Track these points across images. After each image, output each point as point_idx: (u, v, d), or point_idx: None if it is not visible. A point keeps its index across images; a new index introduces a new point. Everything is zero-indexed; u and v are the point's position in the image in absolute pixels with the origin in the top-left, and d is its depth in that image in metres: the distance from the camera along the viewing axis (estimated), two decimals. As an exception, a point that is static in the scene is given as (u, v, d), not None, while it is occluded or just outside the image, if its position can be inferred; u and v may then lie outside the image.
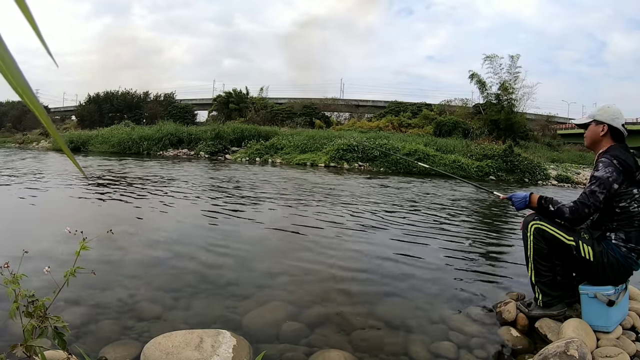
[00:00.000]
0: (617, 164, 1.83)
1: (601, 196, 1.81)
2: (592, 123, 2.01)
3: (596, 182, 1.83)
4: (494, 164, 14.22)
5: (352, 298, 2.30)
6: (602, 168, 1.84)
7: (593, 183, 1.84)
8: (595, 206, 1.82)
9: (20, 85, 0.30)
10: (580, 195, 1.86)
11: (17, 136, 27.80)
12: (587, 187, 1.87)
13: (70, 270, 1.24)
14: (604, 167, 1.84)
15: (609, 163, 1.84)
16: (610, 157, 1.86)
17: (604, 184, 1.81)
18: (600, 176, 1.83)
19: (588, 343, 1.68)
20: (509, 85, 19.26)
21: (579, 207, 1.83)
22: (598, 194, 1.81)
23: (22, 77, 0.30)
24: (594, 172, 1.88)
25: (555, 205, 1.91)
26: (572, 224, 1.93)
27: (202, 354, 1.52)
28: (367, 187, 8.41)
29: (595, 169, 1.89)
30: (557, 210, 1.90)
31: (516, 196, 2.07)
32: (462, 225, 4.85)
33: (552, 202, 1.94)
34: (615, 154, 1.87)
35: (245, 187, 7.42)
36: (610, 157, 1.86)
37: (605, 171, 1.83)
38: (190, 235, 3.58)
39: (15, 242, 2.99)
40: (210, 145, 18.06)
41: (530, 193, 2.04)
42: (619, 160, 1.83)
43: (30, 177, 7.60)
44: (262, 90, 35.01)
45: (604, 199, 1.82)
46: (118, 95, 33.66)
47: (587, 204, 1.82)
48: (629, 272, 1.90)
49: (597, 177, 1.84)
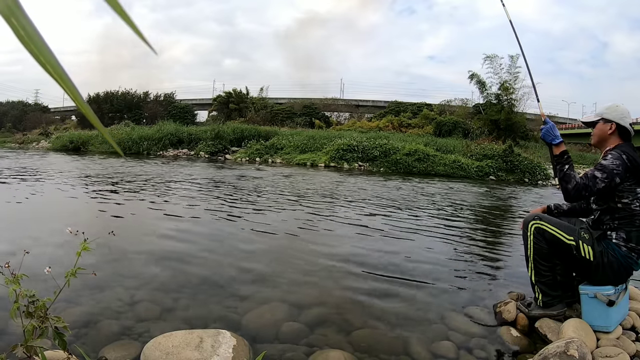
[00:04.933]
0: (625, 159, 1.81)
1: (601, 184, 1.79)
2: (600, 121, 1.99)
3: (600, 169, 1.80)
4: (494, 164, 14.21)
5: (352, 298, 2.30)
6: (611, 159, 1.82)
7: (598, 169, 1.81)
8: (592, 191, 1.79)
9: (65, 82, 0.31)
10: (582, 177, 1.81)
11: (17, 136, 27.78)
12: (591, 170, 1.83)
13: (71, 270, 1.25)
14: (613, 159, 1.82)
15: (618, 157, 1.82)
16: (621, 152, 1.85)
17: (607, 173, 1.79)
18: (607, 165, 1.81)
19: (588, 343, 1.68)
20: (509, 85, 19.25)
21: (581, 187, 1.78)
22: (599, 180, 1.79)
23: (66, 75, 0.31)
24: (602, 160, 1.85)
25: (571, 171, 1.84)
26: (567, 196, 1.86)
27: (202, 354, 1.52)
28: (366, 187, 8.41)
29: (604, 157, 1.86)
30: (568, 175, 1.83)
31: (551, 129, 1.97)
32: (462, 225, 4.85)
33: (571, 164, 1.87)
34: (625, 150, 1.86)
35: (245, 187, 7.42)
36: (620, 152, 1.84)
37: (613, 162, 1.81)
38: (190, 235, 3.58)
39: (16, 242, 2.99)
40: (210, 145, 18.06)
41: (562, 141, 1.95)
42: (628, 156, 1.82)
43: (31, 177, 7.60)
44: (262, 90, 34.99)
45: (603, 188, 1.80)
46: (118, 95, 33.63)
47: (587, 186, 1.78)
48: (629, 272, 1.90)
49: (603, 165, 1.81)
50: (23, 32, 0.29)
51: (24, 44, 0.29)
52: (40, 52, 0.30)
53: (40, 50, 0.30)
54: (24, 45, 0.29)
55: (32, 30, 0.30)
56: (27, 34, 0.29)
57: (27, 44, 0.29)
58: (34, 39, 0.30)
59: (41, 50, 0.30)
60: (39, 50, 0.30)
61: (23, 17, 0.29)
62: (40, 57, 0.30)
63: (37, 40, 0.30)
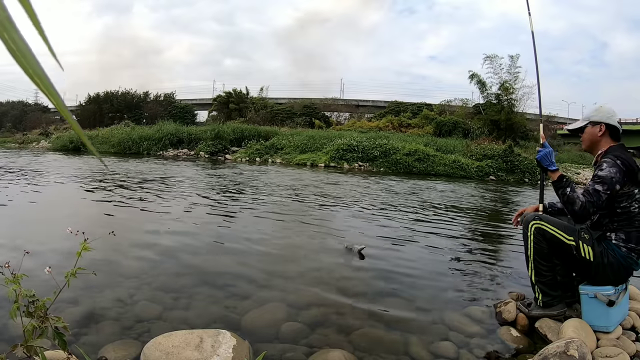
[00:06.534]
0: (620, 164, 1.82)
1: (604, 196, 1.79)
2: (588, 125, 2.01)
3: (600, 182, 1.81)
4: (494, 164, 14.22)
5: (352, 298, 2.30)
6: (607, 168, 1.82)
7: (597, 182, 1.81)
8: (598, 205, 1.80)
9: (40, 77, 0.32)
10: (584, 194, 1.81)
11: (17, 136, 27.76)
12: (590, 185, 1.83)
13: (71, 270, 1.25)
14: (608, 167, 1.82)
15: (613, 163, 1.83)
16: (614, 157, 1.85)
17: (607, 184, 1.79)
18: (605, 176, 1.81)
19: (588, 343, 1.68)
20: (509, 85, 19.23)
21: (587, 205, 1.78)
22: (602, 193, 1.79)
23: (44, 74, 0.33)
24: (598, 171, 1.86)
25: (573, 192, 1.83)
26: (576, 218, 1.87)
27: (202, 354, 1.52)
28: (366, 187, 8.41)
29: (599, 168, 1.86)
30: (571, 197, 1.82)
31: (549, 155, 1.97)
32: (462, 224, 4.85)
33: (572, 186, 1.86)
34: (617, 154, 1.87)
35: (245, 188, 7.42)
36: (614, 157, 1.85)
37: (610, 171, 1.81)
38: (190, 235, 3.58)
39: (16, 242, 2.99)
40: (210, 145, 18.05)
41: (557, 168, 1.95)
42: (622, 160, 1.83)
43: (32, 176, 7.59)
44: (262, 90, 34.99)
45: (606, 199, 1.81)
46: (118, 95, 33.61)
47: (593, 202, 1.78)
48: (629, 272, 1.90)
49: (601, 176, 1.82)
50: (14, 46, 0.31)
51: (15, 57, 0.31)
52: (30, 66, 0.31)
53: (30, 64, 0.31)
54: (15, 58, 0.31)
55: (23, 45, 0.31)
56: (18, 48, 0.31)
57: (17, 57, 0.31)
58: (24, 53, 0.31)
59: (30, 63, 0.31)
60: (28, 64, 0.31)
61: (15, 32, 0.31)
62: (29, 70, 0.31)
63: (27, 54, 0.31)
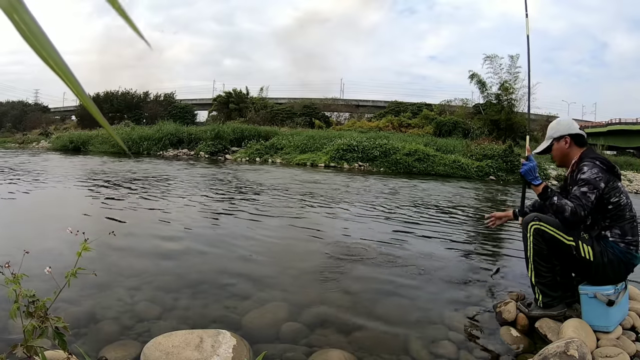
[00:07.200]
0: (599, 164, 1.91)
1: (592, 196, 1.84)
2: (553, 143, 2.10)
3: (584, 184, 1.86)
4: (494, 164, 14.21)
5: (352, 298, 2.30)
6: (588, 170, 1.89)
7: (582, 185, 1.86)
8: (589, 207, 1.83)
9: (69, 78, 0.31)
10: (572, 199, 1.84)
11: (17, 136, 27.77)
12: (576, 189, 1.87)
13: (71, 271, 1.25)
14: (589, 169, 1.89)
15: (593, 164, 1.90)
16: (591, 159, 1.94)
17: (592, 184, 1.85)
18: (588, 177, 1.87)
19: (588, 343, 1.68)
20: (509, 85, 19.23)
21: (577, 209, 1.81)
22: (589, 194, 1.84)
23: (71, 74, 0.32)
24: (580, 175, 1.90)
25: (560, 200, 1.86)
26: (569, 224, 1.91)
27: (202, 354, 1.52)
28: (366, 187, 8.40)
29: (581, 172, 1.91)
30: (560, 206, 1.85)
31: (533, 170, 1.99)
32: (462, 225, 4.85)
33: (558, 195, 1.91)
34: (593, 156, 1.96)
35: (245, 188, 7.42)
36: (591, 160, 1.94)
37: (592, 172, 1.87)
38: (190, 235, 3.58)
39: (16, 242, 2.99)
40: (210, 145, 18.05)
41: (541, 182, 1.96)
42: (600, 160, 1.93)
43: (32, 176, 7.59)
44: (262, 90, 34.97)
45: (595, 199, 1.84)
46: (118, 95, 33.61)
47: (582, 205, 1.82)
48: (630, 269, 1.91)
49: (585, 179, 1.87)
50: (25, 28, 0.29)
51: (26, 39, 0.29)
52: (43, 48, 0.29)
53: (43, 46, 0.29)
54: (26, 40, 0.29)
55: (35, 26, 0.29)
56: (30, 30, 0.29)
57: (29, 39, 0.29)
58: (37, 35, 0.29)
59: (44, 45, 0.30)
60: (41, 45, 0.29)
61: (25, 13, 0.29)
62: (42, 52, 0.29)
63: (40, 35, 0.29)
